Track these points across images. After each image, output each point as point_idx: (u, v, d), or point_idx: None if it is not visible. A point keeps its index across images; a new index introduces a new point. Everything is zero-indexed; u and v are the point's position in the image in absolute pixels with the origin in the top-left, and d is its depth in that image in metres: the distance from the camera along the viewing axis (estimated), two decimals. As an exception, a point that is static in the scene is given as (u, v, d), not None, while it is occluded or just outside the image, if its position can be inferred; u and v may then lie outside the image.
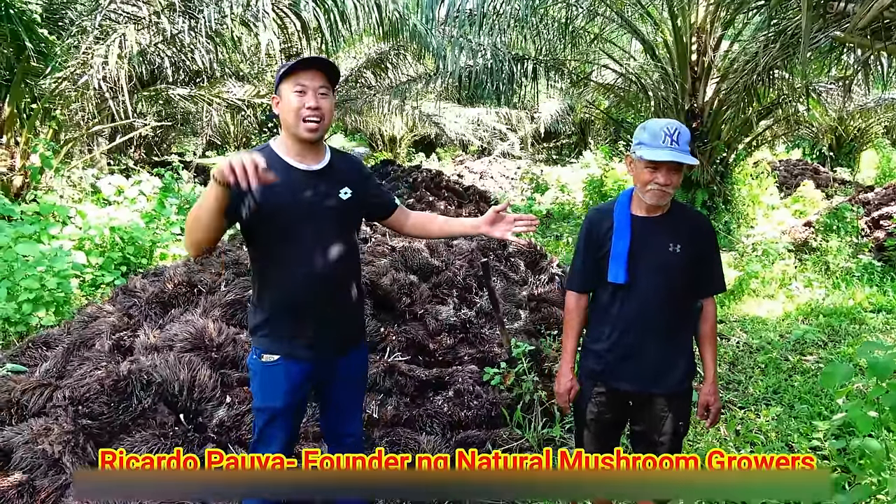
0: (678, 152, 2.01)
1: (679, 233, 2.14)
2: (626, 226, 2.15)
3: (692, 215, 2.26)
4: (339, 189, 2.10)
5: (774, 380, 4.32)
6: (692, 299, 2.25)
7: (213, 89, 11.97)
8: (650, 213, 2.16)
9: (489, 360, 3.93)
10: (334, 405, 2.30)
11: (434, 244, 5.26)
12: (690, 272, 2.18)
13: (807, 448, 3.35)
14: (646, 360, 2.18)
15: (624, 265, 2.13)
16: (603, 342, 2.24)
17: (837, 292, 6.34)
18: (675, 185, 2.07)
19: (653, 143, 2.04)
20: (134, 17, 7.21)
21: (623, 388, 2.23)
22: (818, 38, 5.89)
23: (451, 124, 18.37)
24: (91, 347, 3.58)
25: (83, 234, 6.08)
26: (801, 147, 20.49)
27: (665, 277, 2.14)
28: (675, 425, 2.22)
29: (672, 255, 2.13)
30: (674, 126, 2.04)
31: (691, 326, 2.29)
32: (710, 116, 9.25)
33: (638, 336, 2.17)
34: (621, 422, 2.36)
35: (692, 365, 2.26)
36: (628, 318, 2.18)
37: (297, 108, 1.97)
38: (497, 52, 9.81)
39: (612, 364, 2.22)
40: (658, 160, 2.02)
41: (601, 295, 2.26)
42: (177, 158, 13.71)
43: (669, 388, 2.20)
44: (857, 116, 16.64)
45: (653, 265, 2.13)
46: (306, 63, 1.98)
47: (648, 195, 2.09)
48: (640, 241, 2.14)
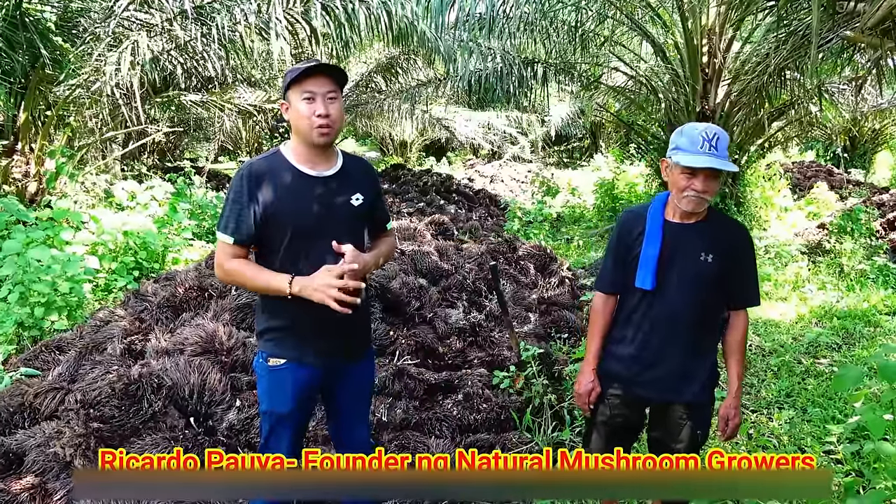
0: (717, 159, 1.96)
1: (714, 242, 2.09)
2: (657, 231, 2.10)
3: (730, 225, 2.19)
4: (350, 195, 2.09)
5: (787, 383, 4.28)
6: (720, 311, 2.20)
7: (224, 95, 12.06)
8: (684, 220, 2.10)
9: (499, 364, 3.92)
10: (341, 411, 2.29)
11: (444, 248, 5.26)
12: (722, 283, 2.12)
13: (820, 452, 3.31)
14: (667, 368, 2.14)
15: (652, 271, 2.08)
16: (625, 346, 2.20)
17: (852, 295, 6.27)
18: (713, 192, 2.02)
19: (691, 148, 1.98)
20: (147, 24, 7.27)
21: (642, 394, 2.20)
22: (829, 37, 5.86)
23: (461, 128, 18.38)
24: (103, 351, 3.61)
25: (96, 240, 6.14)
26: (814, 149, 20.32)
27: (694, 287, 2.09)
28: (692, 434, 2.18)
29: (703, 265, 2.08)
30: (713, 131, 1.98)
31: (717, 337, 2.24)
32: (721, 118, 9.20)
33: (661, 343, 2.13)
34: (634, 428, 2.33)
35: (715, 375, 2.22)
36: (653, 325, 2.14)
37: (308, 115, 1.96)
38: (507, 56, 9.82)
39: (632, 369, 2.19)
40: (696, 167, 1.97)
41: (628, 299, 2.21)
42: (189, 164, 13.78)
43: (689, 397, 2.16)
44: (871, 117, 16.46)
45: (682, 273, 2.09)
46: (313, 70, 1.96)
47: (685, 202, 2.03)
48: (671, 248, 2.09)
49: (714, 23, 8.89)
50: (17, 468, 2.73)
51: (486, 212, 11.82)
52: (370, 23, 7.53)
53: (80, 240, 6.03)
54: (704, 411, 2.22)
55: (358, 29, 7.55)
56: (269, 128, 14.88)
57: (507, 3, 8.76)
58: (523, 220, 9.70)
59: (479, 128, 19.15)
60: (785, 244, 7.56)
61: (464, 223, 9.34)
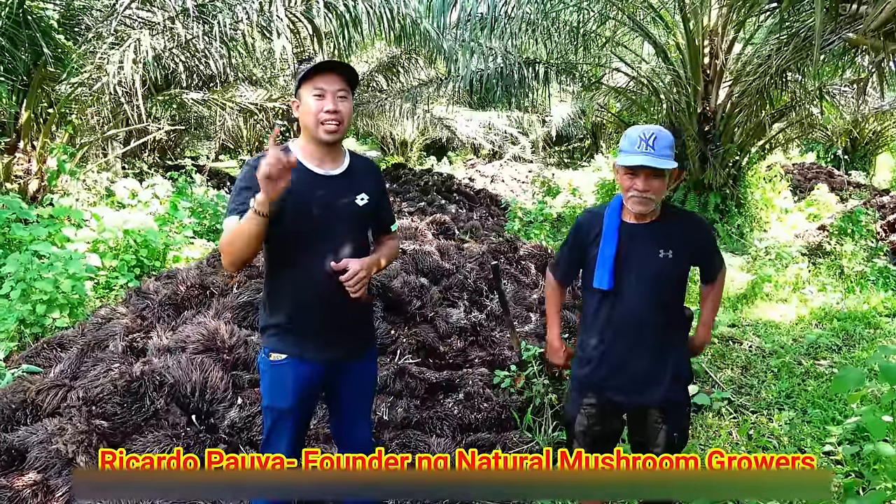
0: (652, 157, 1.97)
1: (671, 238, 2.11)
2: (613, 231, 2.13)
3: (685, 217, 2.23)
4: (356, 194, 2.11)
5: (787, 384, 4.29)
6: (681, 309, 2.22)
7: (226, 93, 12.07)
8: (639, 220, 2.13)
9: (499, 363, 3.93)
10: (343, 408, 2.30)
11: (445, 247, 5.27)
12: (684, 277, 2.16)
13: (820, 453, 3.32)
14: (634, 369, 2.15)
15: (609, 271, 2.10)
16: (591, 351, 2.21)
17: (852, 296, 6.28)
18: (657, 190, 2.03)
19: (629, 148, 2.02)
20: (149, 22, 7.29)
21: (613, 399, 2.20)
22: (831, 39, 5.86)
23: (462, 128, 18.40)
24: (105, 349, 3.62)
25: (98, 237, 6.15)
26: (815, 150, 20.32)
27: (653, 285, 2.11)
28: (669, 437, 2.18)
29: (663, 262, 2.10)
30: (650, 131, 2.00)
31: (683, 334, 2.26)
32: (722, 119, 9.21)
33: (626, 344, 2.14)
34: (612, 435, 2.32)
35: (685, 373, 2.23)
36: (616, 326, 2.15)
37: (317, 111, 1.97)
38: (508, 56, 9.84)
39: (600, 373, 2.19)
40: (630, 165, 2.01)
41: (589, 302, 2.24)
42: (190, 162, 13.81)
43: (660, 398, 2.16)
44: (872, 119, 16.48)
45: (640, 272, 2.10)
46: (325, 67, 1.98)
47: (630, 202, 2.07)
48: (627, 248, 2.11)
49: (716, 24, 8.90)
50: (19, 465, 2.74)
51: (487, 211, 11.82)
52: (372, 21, 7.53)
53: (81, 237, 6.04)
54: (679, 413, 2.22)
55: (360, 27, 7.56)
56: (269, 126, 14.89)
57: (509, 4, 8.78)
58: (524, 220, 9.70)
59: (480, 127, 19.15)
60: (785, 246, 7.56)
61: (465, 223, 9.35)
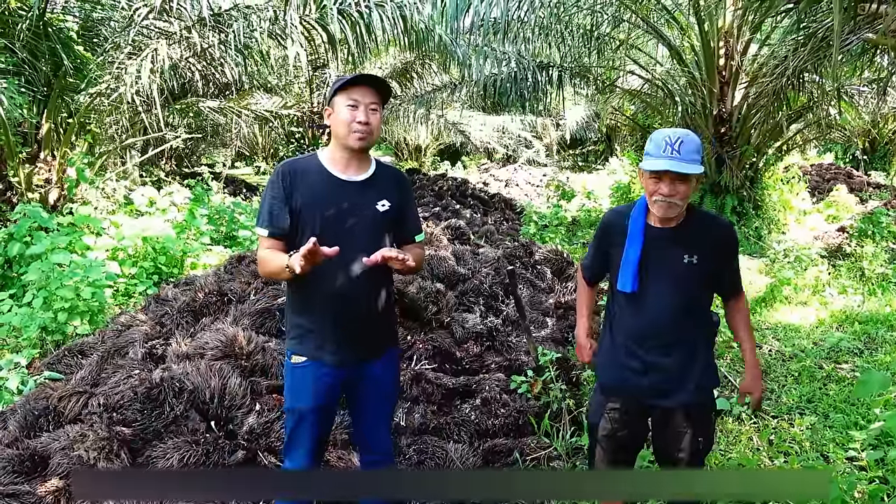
0: (677, 161, 1.95)
1: (697, 243, 2.08)
2: (638, 234, 2.11)
3: (714, 224, 2.17)
4: (377, 200, 2.16)
5: (808, 388, 4.23)
6: (706, 313, 2.20)
7: (241, 101, 12.20)
8: (664, 224, 2.10)
9: (516, 368, 3.92)
10: (363, 412, 2.31)
11: (460, 252, 5.26)
12: (707, 283, 2.13)
13: (843, 458, 3.27)
14: (659, 373, 2.13)
15: (633, 274, 2.09)
16: (615, 353, 2.20)
17: (873, 299, 6.19)
18: (683, 195, 2.00)
19: (655, 153, 2.00)
20: (166, 32, 7.38)
21: (638, 402, 2.19)
22: (850, 40, 5.79)
23: (476, 132, 18.40)
24: (125, 355, 3.65)
25: (117, 245, 6.22)
26: (833, 151, 20.07)
27: (677, 289, 2.09)
28: (693, 442, 2.15)
29: (687, 267, 2.07)
30: (677, 135, 1.97)
31: (708, 337, 2.22)
32: (738, 121, 9.14)
33: (649, 348, 2.12)
34: (637, 440, 2.30)
35: (711, 377, 2.19)
36: (639, 330, 2.14)
37: (349, 121, 2.07)
38: (522, 60, 9.83)
39: (624, 376, 2.18)
40: (655, 170, 1.98)
41: (613, 305, 2.23)
42: (207, 169, 13.97)
43: (685, 401, 2.13)
44: (891, 119, 16.24)
45: (664, 276, 2.08)
46: (360, 79, 2.08)
47: (655, 207, 2.05)
48: (652, 251, 2.09)
49: (731, 25, 8.83)
50: (42, 471, 2.77)
51: (502, 216, 11.80)
52: (385, 28, 7.56)
53: (100, 245, 6.12)
54: (704, 417, 2.18)
55: (374, 34, 7.59)
56: (284, 133, 15.00)
57: (522, 8, 8.76)
58: (539, 224, 9.68)
59: (494, 132, 19.15)
60: (804, 248, 7.47)
61: (479, 227, 9.34)
